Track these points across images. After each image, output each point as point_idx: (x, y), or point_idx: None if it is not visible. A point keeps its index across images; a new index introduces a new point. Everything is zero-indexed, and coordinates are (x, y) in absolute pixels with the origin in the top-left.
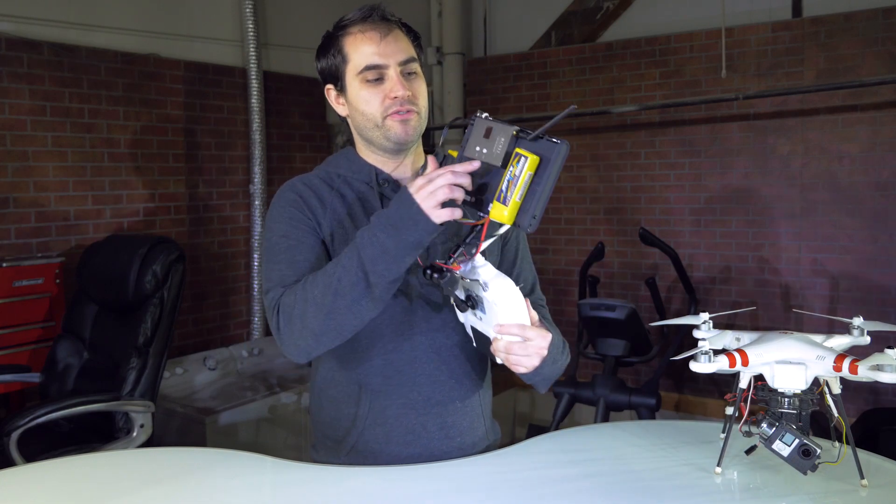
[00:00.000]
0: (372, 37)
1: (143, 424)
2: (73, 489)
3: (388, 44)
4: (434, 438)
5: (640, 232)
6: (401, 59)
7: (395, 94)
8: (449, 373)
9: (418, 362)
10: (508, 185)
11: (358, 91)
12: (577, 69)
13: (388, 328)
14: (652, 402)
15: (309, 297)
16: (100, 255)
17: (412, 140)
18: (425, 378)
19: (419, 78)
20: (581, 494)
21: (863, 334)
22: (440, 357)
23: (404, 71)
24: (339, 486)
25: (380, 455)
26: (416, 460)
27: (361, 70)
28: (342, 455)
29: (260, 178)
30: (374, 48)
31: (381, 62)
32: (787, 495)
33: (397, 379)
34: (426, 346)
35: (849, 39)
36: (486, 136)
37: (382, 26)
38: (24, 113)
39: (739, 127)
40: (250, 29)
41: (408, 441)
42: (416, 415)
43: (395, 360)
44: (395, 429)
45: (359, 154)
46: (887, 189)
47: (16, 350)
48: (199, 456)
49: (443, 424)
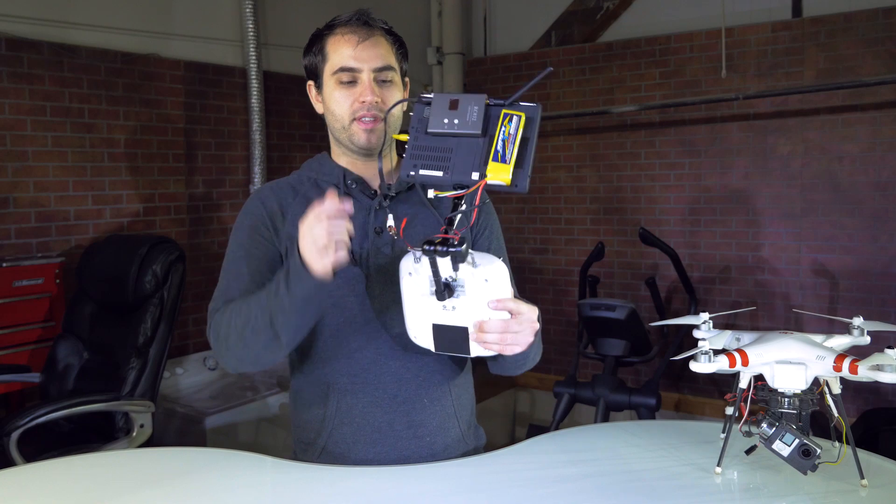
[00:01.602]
0: (351, 39)
1: (143, 424)
2: (73, 489)
3: (366, 48)
4: (401, 437)
5: (640, 232)
6: (376, 66)
7: (363, 99)
8: (415, 371)
9: (383, 360)
10: (504, 144)
11: (332, 91)
12: (577, 69)
13: (352, 328)
14: (652, 402)
15: (232, 325)
16: (100, 255)
17: (375, 147)
18: (390, 377)
19: (394, 86)
20: (581, 494)
21: (863, 334)
22: (406, 355)
23: (378, 77)
24: (339, 485)
25: (348, 456)
26: (385, 460)
27: (336, 71)
28: (314, 457)
29: (260, 178)
30: (351, 51)
31: (355, 65)
32: (787, 495)
33: (363, 377)
34: (391, 345)
35: (849, 39)
36: (454, 108)
37: (364, 31)
38: (24, 113)
39: (739, 127)
40: (250, 29)
41: (375, 440)
42: (382, 413)
43: (360, 359)
44: (362, 427)
45: (331, 157)
46: (887, 189)
47: (16, 350)
48: (199, 456)
49: (410, 423)
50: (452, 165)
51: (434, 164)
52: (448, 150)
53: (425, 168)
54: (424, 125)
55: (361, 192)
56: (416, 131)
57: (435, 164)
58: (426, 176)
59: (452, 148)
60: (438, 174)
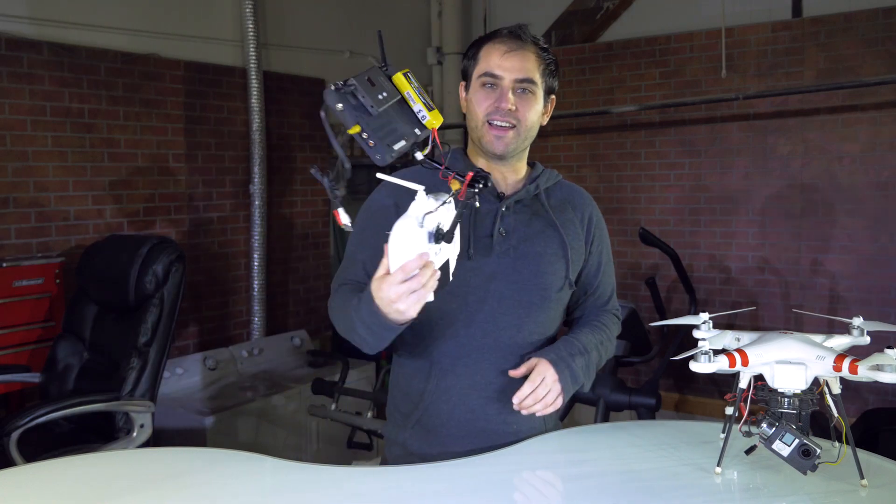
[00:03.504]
0: (500, 49)
1: (143, 424)
2: (73, 489)
3: (511, 58)
4: (492, 421)
5: (640, 232)
6: (517, 77)
7: (498, 104)
8: (513, 361)
9: (486, 349)
10: (421, 93)
11: (475, 92)
12: (577, 69)
13: (462, 314)
14: (652, 402)
15: (335, 314)
16: (100, 255)
17: (504, 153)
18: (489, 364)
19: (533, 98)
20: (581, 494)
21: (863, 334)
22: (507, 346)
23: (517, 88)
24: (339, 486)
25: (441, 430)
26: (475, 439)
27: (481, 74)
28: (408, 428)
29: (260, 178)
30: (498, 59)
31: (499, 73)
32: (787, 495)
33: (464, 361)
34: (495, 337)
35: (849, 39)
36: (374, 84)
37: (515, 43)
38: (24, 113)
39: (739, 127)
40: (250, 29)
41: (467, 420)
42: (477, 396)
43: (465, 345)
44: (457, 407)
45: (468, 155)
46: (887, 189)
47: (16, 350)
48: (199, 456)
49: (501, 409)
50: (405, 129)
51: (395, 137)
52: (393, 119)
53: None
54: (365, 110)
55: (490, 194)
56: (362, 119)
57: (395, 136)
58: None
59: (391, 118)
60: (403, 142)
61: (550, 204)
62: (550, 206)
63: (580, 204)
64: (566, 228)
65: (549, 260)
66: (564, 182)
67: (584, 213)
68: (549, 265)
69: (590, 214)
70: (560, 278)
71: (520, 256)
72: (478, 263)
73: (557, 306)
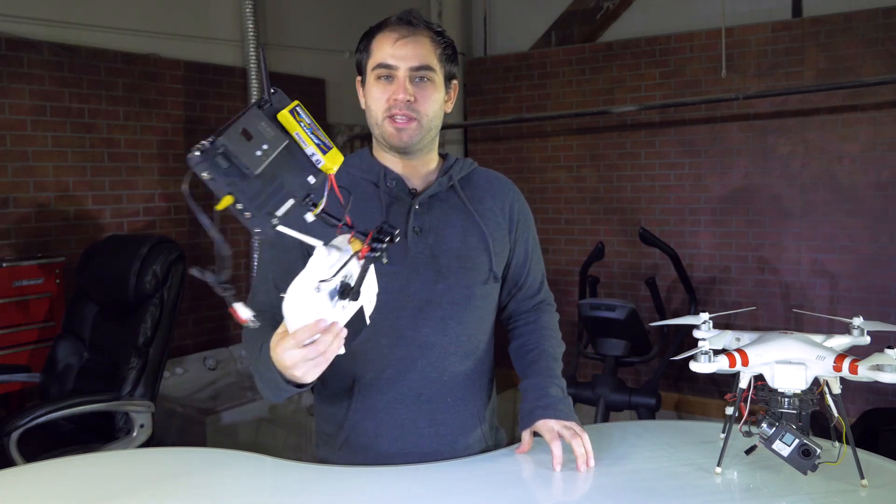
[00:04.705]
0: (391, 37)
1: (143, 424)
2: (73, 489)
3: (404, 47)
4: (424, 435)
5: (640, 232)
6: (413, 65)
7: (396, 97)
8: (441, 370)
9: (410, 359)
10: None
11: (371, 87)
12: (577, 69)
13: (383, 325)
14: (652, 402)
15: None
16: (100, 255)
17: (407, 146)
18: (416, 375)
19: (431, 86)
20: (581, 494)
21: (863, 334)
22: (432, 355)
23: (414, 76)
24: (339, 486)
25: (370, 450)
26: (407, 457)
27: (375, 67)
28: (336, 450)
29: None
30: (390, 49)
31: (392, 63)
32: (787, 495)
33: (389, 373)
34: (419, 344)
35: (849, 39)
36: (250, 138)
37: (406, 29)
38: (24, 113)
39: (739, 127)
40: (250, 29)
41: (397, 436)
42: (405, 409)
43: (388, 357)
44: (384, 423)
45: (373, 154)
46: (887, 189)
47: (16, 350)
48: (199, 456)
49: (432, 421)
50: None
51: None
52: (279, 174)
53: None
54: (239, 172)
55: (402, 192)
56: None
57: (280, 197)
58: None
59: (276, 172)
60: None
61: (467, 195)
62: (467, 198)
63: (501, 192)
64: (486, 219)
65: (470, 255)
66: (481, 169)
67: (504, 201)
68: (471, 260)
69: (511, 202)
70: (484, 273)
71: (438, 255)
72: (393, 267)
73: (484, 304)
